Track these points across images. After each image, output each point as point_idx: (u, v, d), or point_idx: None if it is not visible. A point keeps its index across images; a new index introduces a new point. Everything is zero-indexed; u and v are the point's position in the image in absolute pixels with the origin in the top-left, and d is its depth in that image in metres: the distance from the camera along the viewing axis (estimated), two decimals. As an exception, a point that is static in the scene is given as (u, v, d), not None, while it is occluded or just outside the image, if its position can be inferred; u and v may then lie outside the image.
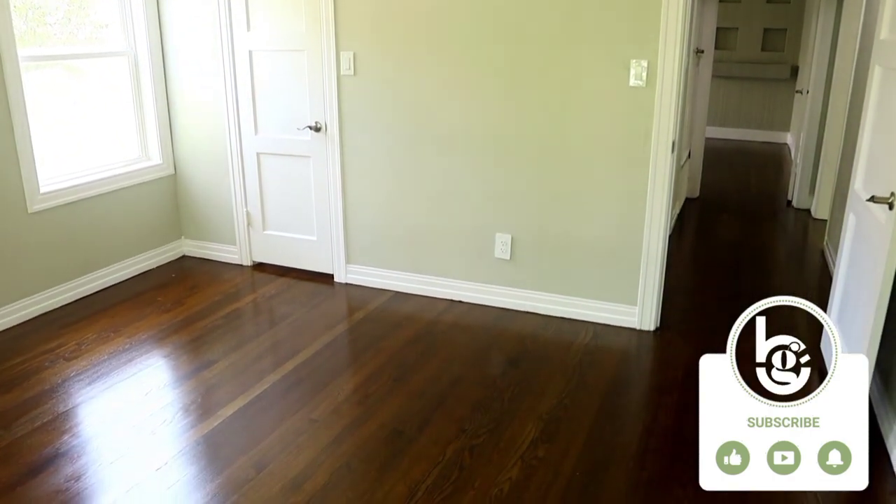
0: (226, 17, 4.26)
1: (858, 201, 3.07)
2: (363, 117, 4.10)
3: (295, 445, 2.78)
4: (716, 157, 7.96)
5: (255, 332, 3.84)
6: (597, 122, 3.62)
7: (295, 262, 4.61)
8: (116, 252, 4.41)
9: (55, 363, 3.42)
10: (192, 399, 3.13)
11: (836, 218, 4.69)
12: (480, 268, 4.07)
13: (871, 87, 3.14)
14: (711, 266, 4.93)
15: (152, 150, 4.63)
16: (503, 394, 3.16)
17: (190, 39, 4.42)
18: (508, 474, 2.61)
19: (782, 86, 9.12)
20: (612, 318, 3.84)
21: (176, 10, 4.41)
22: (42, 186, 3.91)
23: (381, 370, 3.37)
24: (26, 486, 2.55)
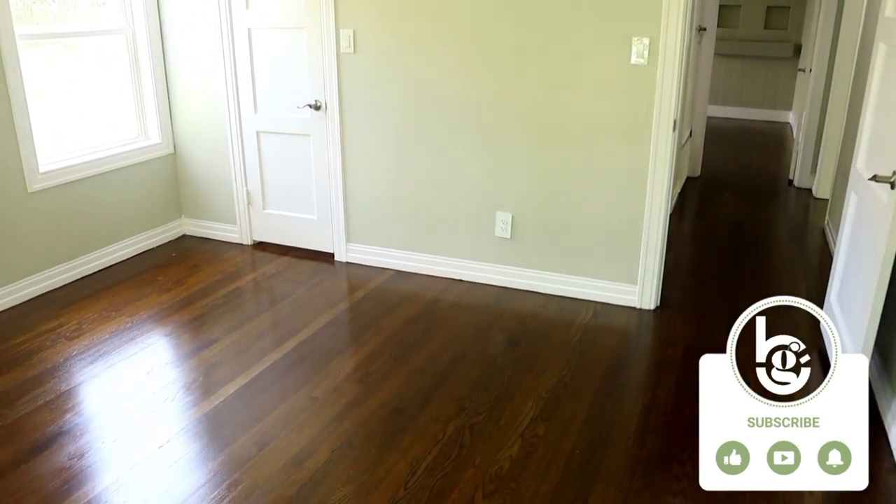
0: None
1: (860, 181, 3.06)
2: (363, 96, 4.08)
3: (296, 423, 2.79)
4: (717, 136, 7.93)
5: (255, 311, 3.85)
6: (598, 100, 3.60)
7: (295, 241, 4.61)
8: (116, 231, 4.41)
9: (57, 342, 3.43)
10: (194, 378, 3.15)
11: (837, 197, 4.68)
12: (481, 247, 4.07)
13: (874, 65, 3.12)
14: (712, 245, 4.93)
15: (151, 129, 4.61)
16: (503, 372, 3.18)
17: (188, 17, 4.38)
18: (508, 452, 2.62)
19: (785, 64, 9.06)
20: (612, 297, 3.85)
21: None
22: (41, 166, 3.90)
23: (381, 349, 3.38)
24: (30, 463, 2.56)
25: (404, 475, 2.49)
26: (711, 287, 4.15)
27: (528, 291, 4.00)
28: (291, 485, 2.45)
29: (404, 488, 2.43)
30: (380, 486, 2.44)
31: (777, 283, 4.25)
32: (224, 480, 2.47)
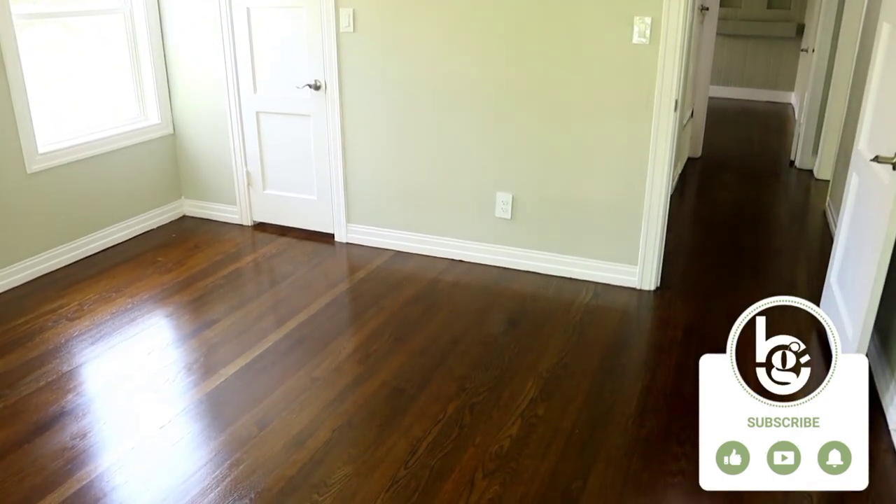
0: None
1: (862, 161, 3.05)
2: (363, 75, 4.05)
3: (297, 403, 2.81)
4: (719, 116, 7.90)
5: (256, 292, 3.86)
6: (599, 80, 3.58)
7: (295, 221, 4.60)
8: (116, 212, 4.40)
9: (58, 323, 3.44)
10: (195, 358, 3.16)
11: (838, 179, 4.67)
12: (481, 227, 4.07)
13: (878, 45, 3.09)
14: (713, 226, 4.93)
15: (150, 110, 4.59)
16: (503, 352, 3.18)
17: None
18: (508, 432, 2.64)
19: (787, 44, 9.00)
20: (612, 278, 3.85)
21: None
22: (40, 147, 3.88)
23: (382, 329, 3.39)
24: (33, 443, 2.58)
25: (405, 455, 2.51)
26: (712, 268, 4.15)
27: (529, 272, 4.00)
28: (292, 464, 2.46)
29: (405, 467, 2.45)
30: (380, 465, 2.46)
31: (777, 265, 4.25)
32: (225, 460, 2.49)
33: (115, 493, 2.35)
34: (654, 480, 2.41)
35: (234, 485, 2.37)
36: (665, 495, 2.36)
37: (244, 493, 2.33)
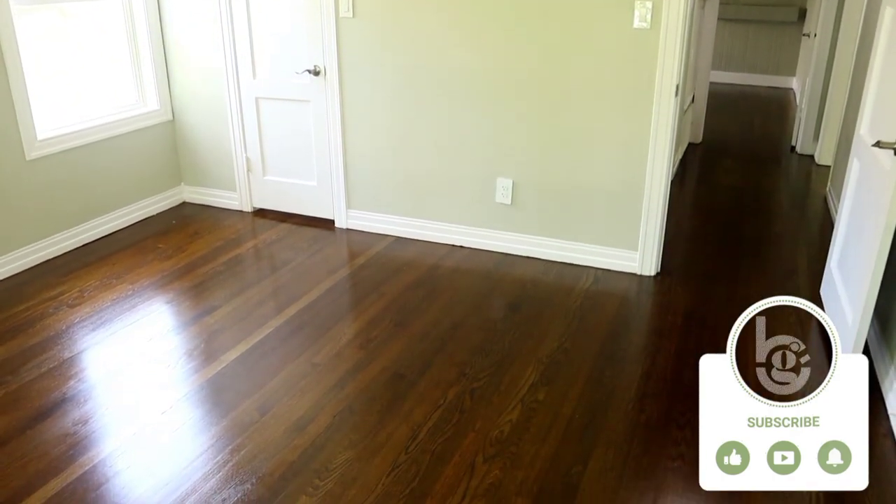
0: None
1: (863, 147, 3.04)
2: (363, 61, 4.04)
3: (298, 389, 2.81)
4: (720, 101, 7.87)
5: (256, 278, 3.86)
6: (600, 65, 3.57)
7: (295, 207, 4.60)
8: (116, 199, 4.40)
9: (59, 310, 3.45)
10: (196, 344, 3.16)
11: (839, 164, 4.66)
12: (482, 213, 4.07)
13: (881, 29, 3.08)
14: (713, 212, 4.92)
15: (149, 96, 4.58)
16: (504, 338, 3.19)
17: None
18: (509, 417, 2.65)
19: (789, 29, 8.95)
20: (612, 264, 3.85)
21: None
22: (39, 133, 3.87)
23: (382, 315, 3.39)
24: (35, 429, 2.59)
25: (405, 440, 2.52)
26: (712, 254, 4.15)
27: (529, 257, 4.00)
28: (293, 450, 2.47)
29: (405, 453, 2.46)
30: (381, 450, 2.47)
31: (778, 250, 4.25)
32: (226, 446, 2.50)
33: (117, 478, 2.36)
34: (654, 465, 2.42)
35: (235, 470, 2.38)
36: (665, 479, 2.37)
37: (245, 478, 2.34)
